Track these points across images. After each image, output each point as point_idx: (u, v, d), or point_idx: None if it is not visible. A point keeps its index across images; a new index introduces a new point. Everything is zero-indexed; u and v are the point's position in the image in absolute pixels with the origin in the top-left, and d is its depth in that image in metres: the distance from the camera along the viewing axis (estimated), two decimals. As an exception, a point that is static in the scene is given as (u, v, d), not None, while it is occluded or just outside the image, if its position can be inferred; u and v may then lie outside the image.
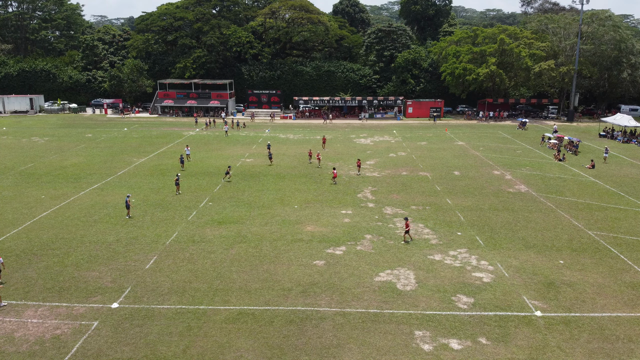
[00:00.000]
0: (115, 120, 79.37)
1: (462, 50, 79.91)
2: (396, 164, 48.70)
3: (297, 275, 24.76)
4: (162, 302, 22.22)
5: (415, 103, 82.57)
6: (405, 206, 35.43)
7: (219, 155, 53.20)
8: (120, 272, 25.15)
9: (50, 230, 30.59)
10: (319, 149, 54.25)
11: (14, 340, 19.31)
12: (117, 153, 53.60)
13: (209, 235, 30.05)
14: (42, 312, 21.43)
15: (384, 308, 21.74)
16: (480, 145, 58.76)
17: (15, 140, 61.62)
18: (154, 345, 19.01)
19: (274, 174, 45.10)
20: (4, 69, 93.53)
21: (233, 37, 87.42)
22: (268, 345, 19.05)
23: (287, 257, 26.89)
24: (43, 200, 36.75)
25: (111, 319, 20.85)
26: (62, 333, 19.78)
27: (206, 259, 26.64)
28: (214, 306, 21.86)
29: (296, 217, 33.04)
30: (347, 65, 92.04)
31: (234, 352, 18.61)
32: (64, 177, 43.44)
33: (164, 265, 26.01)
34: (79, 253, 27.36)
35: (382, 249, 27.86)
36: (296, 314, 21.22)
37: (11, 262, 26.33)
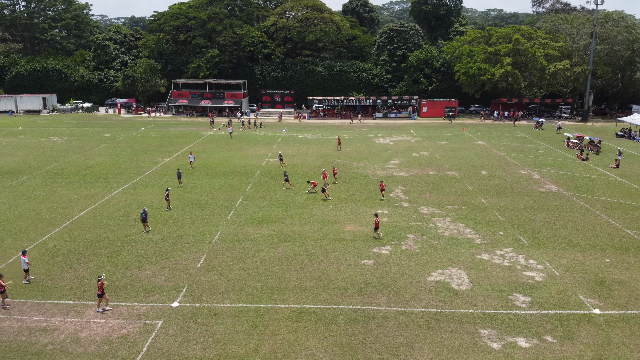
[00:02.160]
0: (130, 120, 79.26)
1: (476, 50, 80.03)
2: (421, 164, 48.75)
3: (348, 274, 24.79)
4: (221, 300, 22.22)
5: (430, 103, 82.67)
6: (441, 206, 35.48)
7: (242, 155, 53.18)
8: (173, 271, 25.14)
9: (92, 230, 30.55)
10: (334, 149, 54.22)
11: (80, 340, 19.29)
12: (140, 153, 53.53)
13: (252, 234, 30.06)
14: (102, 311, 21.38)
15: (443, 307, 21.78)
16: (501, 144, 58.87)
17: (34, 139, 61.48)
18: (224, 343, 19.02)
19: (301, 173, 45.10)
20: (15, 68, 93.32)
21: (246, 36, 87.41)
22: (337, 344, 19.08)
23: (334, 256, 26.90)
24: (77, 200, 36.69)
25: (174, 317, 20.85)
26: (128, 333, 19.77)
27: (255, 258, 26.65)
28: (274, 304, 21.88)
29: (334, 217, 33.06)
30: (359, 65, 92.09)
31: (305, 351, 18.63)
32: (93, 177, 43.37)
33: (215, 263, 26.02)
34: (127, 252, 27.34)
35: (428, 249, 27.90)
36: (357, 313, 21.24)
37: (59, 261, 26.31)
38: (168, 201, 34.67)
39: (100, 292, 21.00)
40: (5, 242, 28.80)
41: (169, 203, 34.69)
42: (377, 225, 29.21)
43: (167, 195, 34.86)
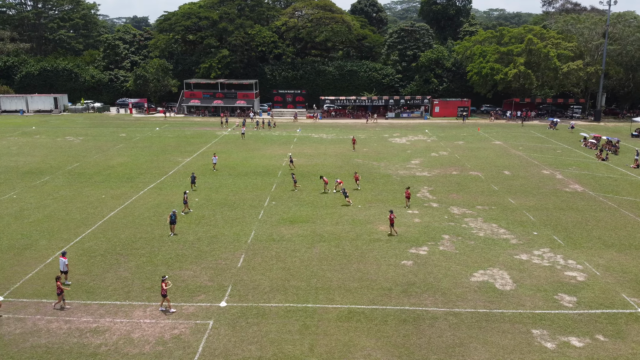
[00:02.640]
0: (143, 120, 79.22)
1: (489, 50, 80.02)
2: (442, 164, 48.73)
3: (390, 274, 24.75)
4: (268, 300, 22.19)
5: (442, 102, 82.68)
6: (471, 206, 35.46)
7: (262, 155, 53.13)
8: (215, 270, 25.11)
9: (125, 230, 30.51)
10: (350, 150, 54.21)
11: (133, 341, 19.24)
12: (159, 153, 53.48)
13: (286, 234, 30.03)
14: (151, 312, 21.36)
15: (491, 308, 21.76)
16: (518, 144, 58.86)
17: (50, 139, 61.42)
18: (278, 343, 18.98)
19: (323, 173, 44.97)
20: (25, 67, 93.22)
21: (258, 36, 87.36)
22: (392, 344, 19.05)
23: (372, 256, 26.87)
24: (105, 200, 36.65)
25: (224, 317, 20.81)
26: (180, 333, 19.73)
27: (294, 258, 26.62)
28: (322, 304, 21.84)
29: (364, 217, 33.02)
30: (370, 65, 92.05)
31: (361, 351, 18.59)
32: (116, 177, 43.32)
33: (255, 263, 25.99)
34: (165, 252, 27.31)
35: (466, 249, 27.87)
36: (406, 314, 21.21)
37: (98, 262, 26.26)
38: (186, 204, 33.61)
39: (163, 292, 20.95)
40: (40, 242, 28.74)
41: (187, 206, 33.72)
42: (392, 221, 29.28)
43: (185, 199, 33.68)
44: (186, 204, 33.51)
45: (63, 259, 23.59)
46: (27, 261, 26.27)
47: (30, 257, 26.71)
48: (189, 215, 33.28)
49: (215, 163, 46.01)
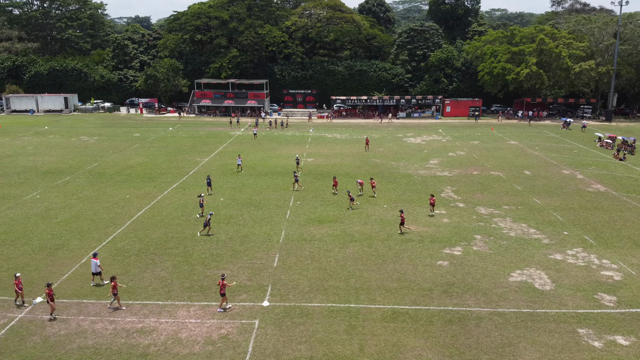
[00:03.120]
0: (154, 120, 79.17)
1: (499, 50, 80.00)
2: (462, 163, 48.71)
3: (428, 275, 24.72)
4: (309, 300, 22.16)
5: (454, 102, 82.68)
6: (497, 206, 35.44)
7: (278, 155, 53.09)
8: (252, 270, 25.09)
9: (156, 230, 30.48)
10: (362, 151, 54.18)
11: (181, 341, 19.20)
12: (176, 153, 53.44)
13: (316, 233, 30.00)
14: (195, 311, 21.33)
15: (534, 308, 21.74)
16: (534, 144, 58.85)
17: (65, 139, 61.36)
18: (327, 343, 18.96)
19: (343, 173, 45.04)
20: (34, 67, 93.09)
21: (268, 36, 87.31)
22: (441, 344, 19.02)
23: (407, 256, 26.83)
24: (130, 200, 36.61)
25: (269, 317, 20.79)
26: (228, 333, 19.70)
27: (328, 258, 26.59)
28: (364, 305, 21.81)
29: (392, 217, 32.97)
30: (380, 65, 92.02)
31: (411, 351, 18.57)
32: (137, 177, 43.28)
33: (290, 262, 25.97)
34: (200, 252, 27.28)
35: (499, 249, 27.85)
36: (451, 314, 21.18)
37: (133, 262, 26.23)
38: (202, 207, 32.87)
39: (222, 291, 20.99)
40: (71, 242, 28.70)
41: (203, 210, 32.93)
42: (402, 220, 29.42)
43: (200, 202, 32.97)
44: (202, 207, 32.78)
45: (95, 260, 23.50)
46: (62, 261, 26.23)
47: (63, 257, 26.67)
48: (218, 214, 33.23)
49: (240, 164, 45.41)
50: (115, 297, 21.25)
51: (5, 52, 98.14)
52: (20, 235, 29.78)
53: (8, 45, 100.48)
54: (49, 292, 20.35)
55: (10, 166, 47.30)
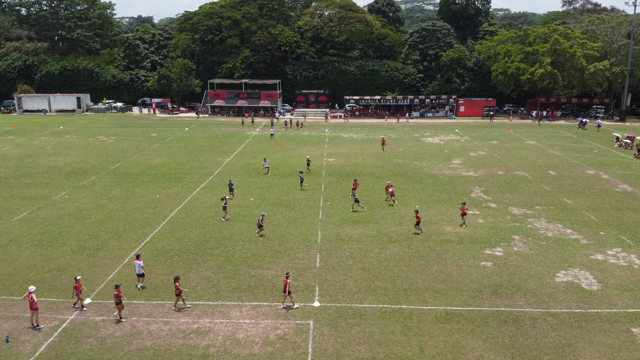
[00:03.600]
0: (168, 120, 79.10)
1: (513, 50, 79.93)
2: (485, 163, 48.66)
3: (474, 276, 24.67)
4: (360, 300, 22.12)
5: (467, 102, 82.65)
6: (529, 206, 35.39)
7: (299, 155, 53.00)
8: (296, 270, 25.05)
9: (193, 230, 30.44)
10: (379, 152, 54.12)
11: (239, 342, 19.16)
12: (197, 153, 53.37)
13: (352, 234, 29.95)
14: (247, 311, 21.29)
15: (586, 308, 21.71)
16: (554, 144, 58.81)
17: (82, 139, 61.30)
18: (386, 345, 18.91)
19: (367, 173, 45.06)
20: (45, 67, 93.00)
21: (280, 36, 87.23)
22: (500, 345, 18.98)
23: (449, 257, 26.78)
24: (160, 200, 36.58)
25: (322, 318, 20.75)
26: (284, 333, 19.65)
27: (369, 258, 26.54)
28: (415, 306, 21.77)
29: (426, 217, 32.87)
30: (391, 64, 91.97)
31: (472, 352, 18.52)
32: (163, 177, 43.24)
33: (332, 263, 25.93)
34: (241, 252, 27.25)
35: (540, 250, 27.81)
36: (504, 315, 21.14)
37: (176, 262, 26.20)
38: (225, 211, 32.33)
39: (286, 289, 21.12)
40: (110, 243, 28.65)
41: (226, 213, 32.45)
42: (418, 220, 29.39)
43: (224, 205, 32.41)
44: (225, 210, 32.29)
45: (138, 262, 23.38)
46: (103, 262, 26.19)
47: (104, 258, 26.62)
48: (252, 214, 33.19)
49: (267, 167, 44.75)
50: (178, 297, 21.17)
51: (15, 52, 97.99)
52: (56, 235, 29.73)
53: (18, 44, 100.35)
54: (117, 293, 20.21)
55: (32, 166, 47.23)
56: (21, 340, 19.29)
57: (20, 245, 28.35)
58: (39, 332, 19.82)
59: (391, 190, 35.87)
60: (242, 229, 30.86)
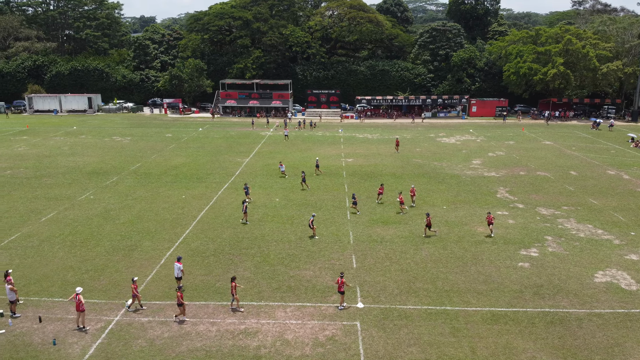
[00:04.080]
0: (181, 120, 79.08)
1: (525, 50, 79.89)
2: (505, 164, 48.63)
3: (513, 277, 24.65)
4: (403, 302, 22.09)
5: (480, 102, 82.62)
6: (557, 207, 35.37)
7: (316, 155, 52.83)
8: (333, 271, 25.06)
9: (225, 230, 30.44)
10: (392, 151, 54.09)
11: (289, 343, 19.14)
12: (215, 153, 53.35)
13: (384, 235, 29.92)
14: (291, 312, 21.28)
15: (629, 308, 21.72)
16: (570, 145, 58.78)
17: (98, 139, 61.29)
18: (437, 346, 18.90)
19: (388, 173, 45.03)
20: (55, 67, 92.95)
21: (292, 37, 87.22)
22: (550, 346, 18.97)
23: (486, 258, 26.76)
24: (187, 200, 36.56)
25: (368, 319, 20.73)
26: (333, 334, 19.63)
27: (406, 259, 26.51)
28: (460, 307, 21.73)
29: (456, 218, 32.90)
30: (402, 64, 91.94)
31: (524, 353, 18.51)
32: (185, 177, 43.22)
33: (369, 264, 25.92)
34: (276, 252, 27.25)
35: (575, 251, 27.80)
36: (550, 315, 21.13)
37: (213, 262, 26.20)
38: (245, 214, 31.61)
39: (340, 289, 21.19)
40: (143, 243, 28.63)
41: (246, 217, 31.70)
42: (429, 223, 29.17)
43: (244, 208, 31.52)
44: (245, 214, 31.59)
45: (178, 264, 23.28)
46: (140, 262, 26.17)
47: (140, 259, 26.60)
48: (280, 215, 33.20)
49: (283, 171, 44.05)
50: (234, 298, 21.13)
51: (25, 52, 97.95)
52: (88, 236, 29.71)
53: (28, 44, 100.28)
54: (179, 295, 20.21)
55: (52, 166, 47.22)
56: (68, 342, 19.25)
57: (53, 246, 28.32)
58: (86, 334, 19.78)
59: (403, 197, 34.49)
60: (272, 229, 30.84)
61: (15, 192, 38.95)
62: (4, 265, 25.69)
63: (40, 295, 22.83)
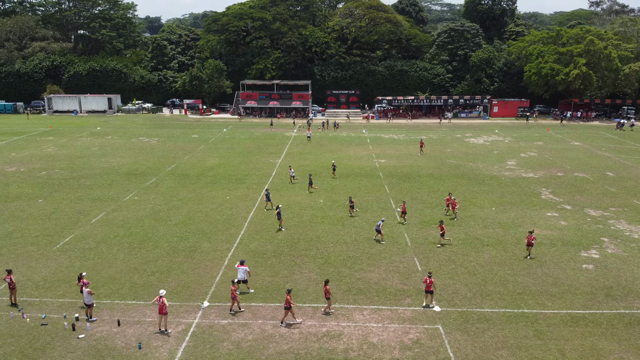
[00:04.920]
0: (202, 121, 79.10)
1: (546, 50, 79.80)
2: (540, 165, 48.57)
3: (581, 279, 24.60)
4: (479, 305, 22.05)
5: (501, 102, 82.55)
6: (604, 208, 35.32)
7: (346, 156, 52.90)
8: (399, 273, 25.03)
9: (280, 231, 30.33)
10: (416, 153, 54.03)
11: (376, 346, 19.11)
12: (246, 154, 53.32)
13: (439, 236, 29.75)
14: (369, 315, 21.26)
15: None
16: (599, 145, 58.70)
17: (125, 140, 61.31)
18: (526, 349, 18.86)
19: (425, 174, 44.97)
20: (73, 67, 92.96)
21: (311, 37, 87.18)
22: (635, 347, 19.00)
23: (549, 260, 26.70)
24: (232, 201, 36.58)
25: (449, 322, 20.69)
26: (418, 338, 19.59)
27: (470, 262, 26.47)
28: (537, 310, 21.67)
29: (508, 220, 32.83)
30: (420, 64, 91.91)
31: (612, 355, 18.50)
32: (223, 178, 43.22)
33: (433, 266, 25.85)
34: (336, 254, 27.24)
35: (633, 252, 27.78)
36: (627, 317, 21.11)
37: (275, 263, 26.18)
38: (280, 220, 30.48)
39: (429, 289, 21.36)
40: (202, 245, 28.63)
41: (281, 223, 30.70)
42: (443, 231, 28.19)
43: (278, 214, 30.38)
44: (280, 219, 30.56)
45: (243, 267, 23.12)
46: (204, 264, 26.16)
47: (204, 260, 26.59)
48: (329, 216, 33.16)
49: (293, 176, 41.88)
50: (329, 301, 21.17)
51: (41, 52, 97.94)
52: (144, 237, 29.70)
53: (44, 44, 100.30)
54: (288, 298, 20.15)
55: (86, 167, 47.22)
56: (153, 346, 19.21)
57: (111, 247, 28.29)
58: (169, 337, 19.74)
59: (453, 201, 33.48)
60: (325, 230, 30.81)
61: (56, 193, 38.92)
62: (65, 268, 25.75)
63: (111, 297, 22.80)
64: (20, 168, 46.75)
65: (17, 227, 31.37)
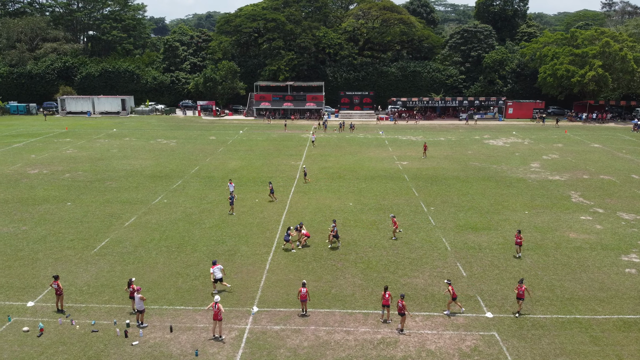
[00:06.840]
0: (217, 123, 78.99)
1: (561, 52, 79.62)
2: (565, 167, 48.42)
3: (627, 283, 24.52)
4: (531, 311, 21.96)
5: (516, 104, 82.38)
6: (636, 211, 35.22)
7: (367, 158, 52.77)
8: (443, 279, 24.83)
9: (313, 235, 30.25)
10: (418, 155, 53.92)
11: (434, 353, 19.01)
12: (267, 156, 53.21)
13: (479, 241, 29.72)
14: (422, 322, 21.17)
15: None
16: (620, 147, 58.53)
17: (144, 142, 61.24)
18: (584, 355, 18.84)
19: (452, 177, 44.81)
20: (85, 69, 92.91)
21: (325, 38, 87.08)
22: (698, 356, 18.76)
23: (592, 265, 26.59)
24: (261, 204, 36.47)
25: (504, 329, 20.60)
26: (475, 345, 19.48)
27: (513, 267, 26.36)
28: (589, 315, 21.57)
29: (543, 223, 32.70)
30: (433, 66, 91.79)
31: (675, 364, 18.30)
32: (249, 181, 43.14)
33: (476, 272, 25.77)
34: (376, 258, 27.16)
35: (676, 256, 27.58)
36: (682, 324, 20.91)
37: (316, 268, 26.13)
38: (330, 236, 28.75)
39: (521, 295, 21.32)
40: (241, 248, 28.55)
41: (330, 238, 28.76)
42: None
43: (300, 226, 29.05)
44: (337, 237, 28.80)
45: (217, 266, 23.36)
46: (246, 268, 26.09)
47: (244, 264, 26.51)
48: (361, 220, 33.08)
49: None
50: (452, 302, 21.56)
51: (53, 53, 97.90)
52: (181, 241, 29.62)
53: (56, 45, 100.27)
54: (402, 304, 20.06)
55: (109, 170, 47.14)
56: (210, 352, 19.11)
57: (149, 251, 28.21)
58: (224, 343, 19.64)
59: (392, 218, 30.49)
60: (361, 234, 30.72)
61: (84, 196, 38.85)
62: (107, 272, 25.67)
63: (159, 303, 22.70)
64: (42, 170, 46.70)
65: (50, 231, 31.28)
